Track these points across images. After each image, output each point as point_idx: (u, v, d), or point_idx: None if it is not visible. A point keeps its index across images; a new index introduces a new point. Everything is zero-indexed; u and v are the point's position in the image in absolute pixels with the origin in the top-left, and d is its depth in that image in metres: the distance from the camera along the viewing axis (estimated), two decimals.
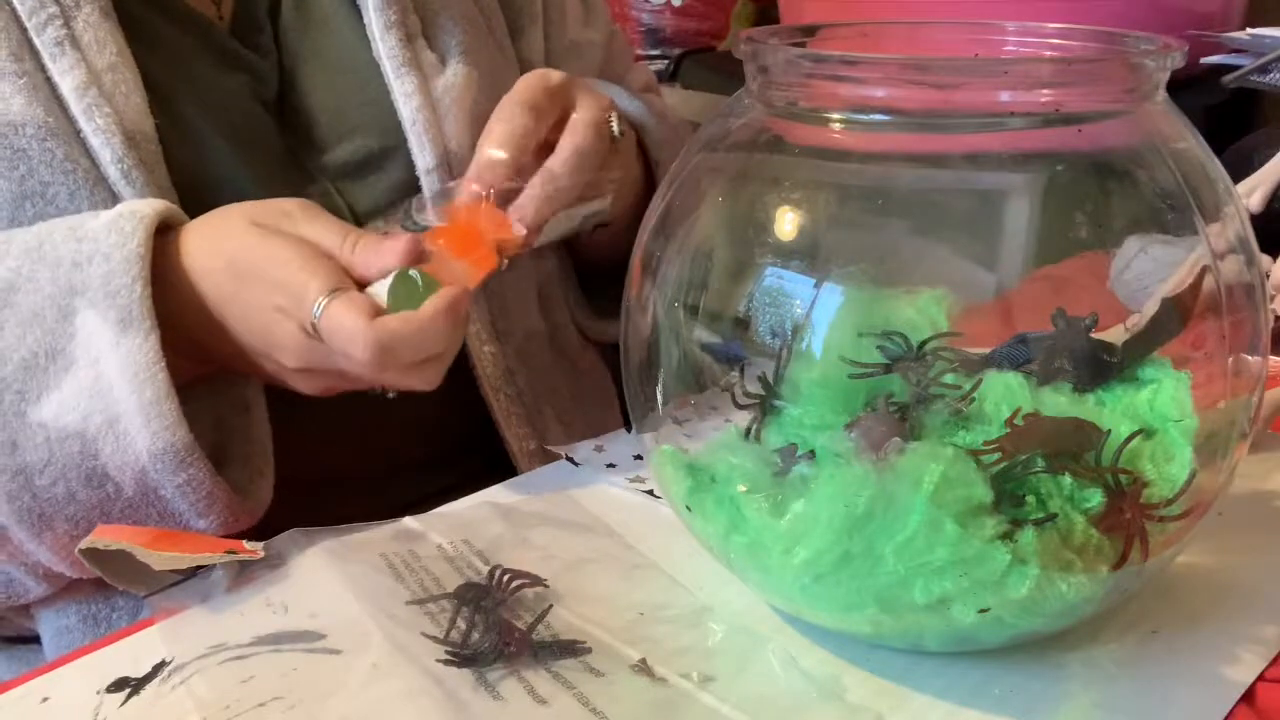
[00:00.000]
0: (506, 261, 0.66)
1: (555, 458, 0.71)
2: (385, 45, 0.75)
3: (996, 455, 0.46)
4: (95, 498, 0.62)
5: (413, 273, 0.60)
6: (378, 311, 0.59)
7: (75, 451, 0.61)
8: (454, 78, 0.77)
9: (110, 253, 0.60)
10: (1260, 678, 0.49)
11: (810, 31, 0.57)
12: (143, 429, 0.60)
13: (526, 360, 0.84)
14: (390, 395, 0.65)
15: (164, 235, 0.63)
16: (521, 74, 0.86)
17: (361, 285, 0.61)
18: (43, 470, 0.61)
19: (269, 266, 0.61)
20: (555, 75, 0.71)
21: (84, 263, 0.61)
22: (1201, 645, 0.51)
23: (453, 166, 0.76)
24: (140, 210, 0.62)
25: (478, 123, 0.77)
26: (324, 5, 0.77)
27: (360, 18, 0.76)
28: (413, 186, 0.75)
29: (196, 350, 0.64)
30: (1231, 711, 0.47)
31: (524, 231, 0.66)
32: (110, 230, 0.61)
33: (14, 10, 0.64)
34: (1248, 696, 0.48)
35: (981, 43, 0.58)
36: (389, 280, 0.60)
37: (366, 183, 0.76)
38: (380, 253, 0.61)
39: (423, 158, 0.75)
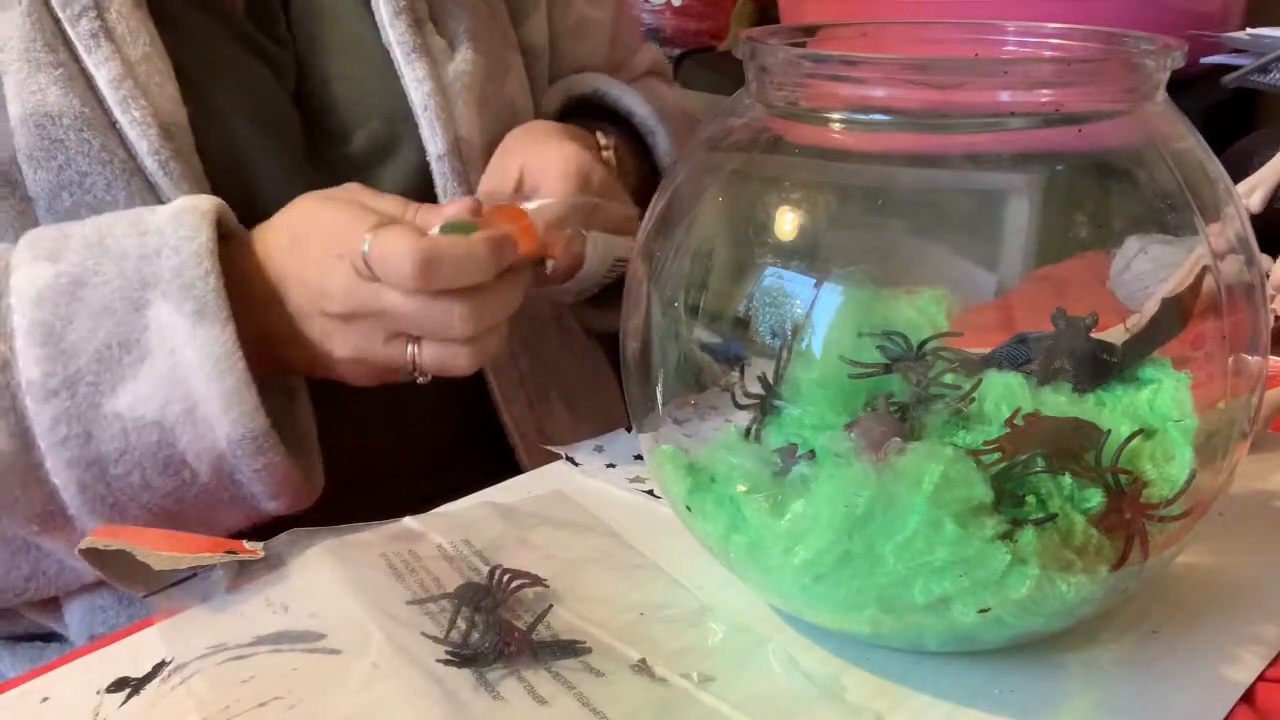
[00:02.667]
0: (551, 264, 0.68)
1: (555, 457, 0.71)
2: (395, 31, 0.76)
3: (996, 455, 0.46)
4: (170, 484, 0.63)
5: (466, 219, 0.64)
6: None
7: (153, 440, 0.62)
8: (463, 63, 0.78)
9: (179, 246, 0.62)
10: (1260, 678, 0.49)
11: (810, 31, 0.57)
12: (222, 416, 0.62)
13: (531, 345, 0.84)
14: (422, 379, 0.65)
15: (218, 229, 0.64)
16: (524, 59, 0.86)
17: None
18: (118, 460, 0.62)
19: (326, 221, 0.64)
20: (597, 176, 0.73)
21: (152, 255, 0.62)
22: (1201, 645, 0.51)
23: (463, 152, 0.76)
24: (200, 205, 0.64)
25: (486, 108, 0.79)
26: None
27: (368, 4, 0.77)
28: (425, 173, 0.76)
29: (256, 342, 0.64)
30: (1231, 711, 0.47)
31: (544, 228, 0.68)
32: (176, 224, 0.62)
33: (48, 2, 0.65)
34: (1248, 696, 0.48)
35: (981, 43, 0.58)
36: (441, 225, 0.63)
37: (382, 171, 0.76)
38: (439, 211, 0.64)
39: (434, 143, 0.76)
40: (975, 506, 0.44)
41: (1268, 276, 0.53)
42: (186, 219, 0.62)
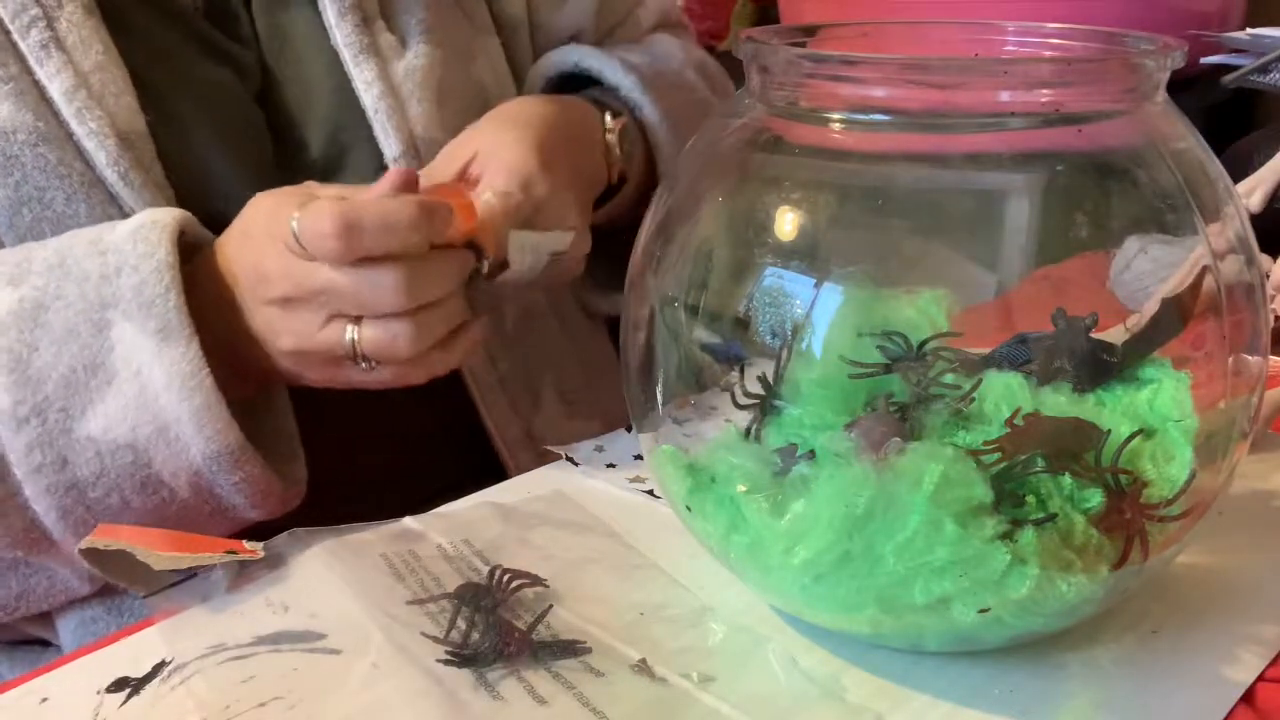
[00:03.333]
0: (486, 264, 0.66)
1: (553, 456, 0.71)
2: (341, 32, 0.74)
3: (996, 455, 0.46)
4: (150, 503, 0.63)
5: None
6: None
7: (128, 462, 0.61)
8: (416, 59, 0.76)
9: (138, 264, 0.61)
10: (1260, 678, 0.49)
11: (810, 31, 0.57)
12: (195, 435, 0.61)
13: (519, 345, 0.83)
14: (367, 365, 0.63)
15: (182, 240, 0.63)
16: (500, 36, 0.83)
17: None
18: (95, 483, 0.61)
19: (267, 209, 0.62)
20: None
21: (112, 275, 0.61)
22: (1201, 645, 0.51)
23: (420, 151, 0.74)
24: (161, 219, 0.62)
25: (444, 102, 0.76)
26: None
27: (316, 4, 0.74)
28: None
29: (224, 354, 0.63)
30: (1231, 711, 0.47)
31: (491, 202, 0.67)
32: (135, 241, 0.61)
33: None
34: (1248, 696, 0.48)
35: (981, 43, 0.58)
36: None
37: (340, 175, 0.75)
38: (374, 186, 0.62)
39: (389, 145, 0.74)
40: (975, 506, 0.44)
41: (1268, 276, 0.53)
42: (145, 234, 0.61)
